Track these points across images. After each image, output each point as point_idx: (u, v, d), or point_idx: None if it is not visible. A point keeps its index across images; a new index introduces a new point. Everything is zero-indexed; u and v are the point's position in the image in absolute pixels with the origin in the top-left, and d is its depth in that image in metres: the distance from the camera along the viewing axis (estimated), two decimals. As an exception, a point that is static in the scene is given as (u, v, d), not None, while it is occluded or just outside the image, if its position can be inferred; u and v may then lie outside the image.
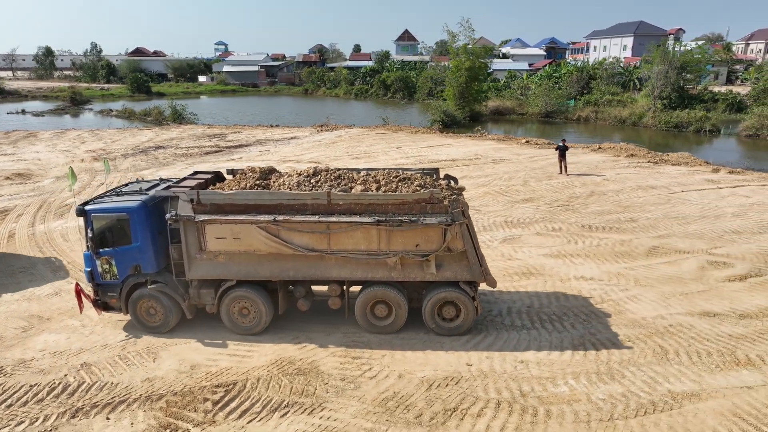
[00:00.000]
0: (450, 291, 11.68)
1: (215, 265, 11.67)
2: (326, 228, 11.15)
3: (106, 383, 10.42)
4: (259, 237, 11.26)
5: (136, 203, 11.79)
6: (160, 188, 12.41)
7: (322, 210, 11.17)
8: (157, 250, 11.96)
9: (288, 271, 11.64)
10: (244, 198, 11.22)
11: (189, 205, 11.23)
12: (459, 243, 11.22)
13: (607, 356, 11.09)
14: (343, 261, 11.48)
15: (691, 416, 9.21)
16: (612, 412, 9.36)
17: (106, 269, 11.98)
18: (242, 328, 12.09)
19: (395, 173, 12.28)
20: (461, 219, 11.03)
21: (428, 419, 9.30)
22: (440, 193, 11.16)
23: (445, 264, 11.48)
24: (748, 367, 10.57)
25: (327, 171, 12.27)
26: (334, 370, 10.81)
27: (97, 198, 12.42)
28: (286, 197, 11.18)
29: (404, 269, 11.49)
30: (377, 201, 11.09)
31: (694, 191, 23.83)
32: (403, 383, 10.33)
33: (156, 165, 31.45)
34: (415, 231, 11.12)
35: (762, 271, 15.09)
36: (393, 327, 12.02)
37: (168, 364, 11.11)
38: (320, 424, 9.26)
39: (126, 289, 12.09)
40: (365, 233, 11.19)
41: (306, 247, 11.33)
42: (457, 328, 11.92)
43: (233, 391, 10.15)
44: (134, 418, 9.42)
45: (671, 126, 48.35)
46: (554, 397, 9.84)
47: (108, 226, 11.86)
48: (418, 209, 11.07)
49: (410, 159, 32.09)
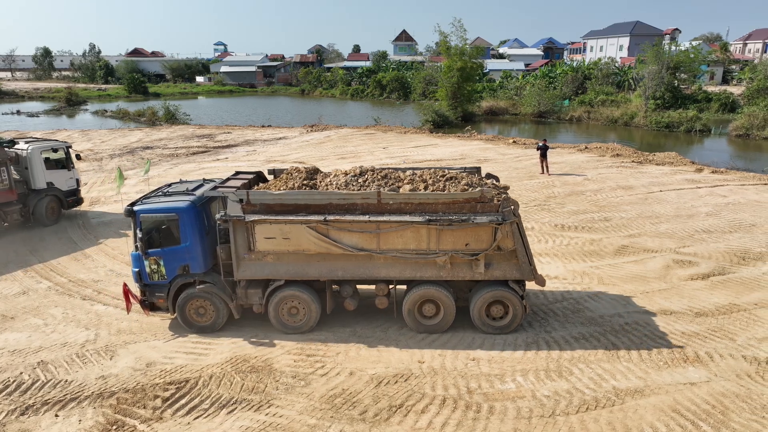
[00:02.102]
0: (499, 290, 11.63)
1: (264, 265, 11.72)
2: (376, 227, 11.18)
3: (60, 381, 10.56)
4: (309, 237, 11.29)
5: (186, 203, 11.85)
6: (206, 188, 12.54)
7: (372, 209, 11.18)
8: (205, 250, 12.03)
9: (336, 271, 11.67)
10: (294, 198, 11.24)
11: (238, 205, 11.26)
12: (509, 242, 11.20)
13: (558, 354, 11.20)
14: (392, 260, 11.50)
15: (631, 412, 9.32)
16: (554, 409, 9.48)
17: (154, 269, 12.05)
18: (291, 327, 12.13)
19: (441, 172, 12.31)
20: (512, 218, 11.03)
21: (372, 415, 9.42)
22: (490, 192, 11.19)
23: (495, 263, 11.47)
24: (696, 364, 10.67)
25: (373, 170, 12.30)
26: (287, 367, 10.93)
27: (143, 198, 12.45)
28: (336, 197, 11.21)
29: (453, 268, 11.47)
30: (427, 200, 11.10)
31: (672, 191, 23.90)
32: (353, 380, 10.45)
33: (141, 165, 31.59)
34: (466, 230, 11.11)
35: (725, 269, 15.18)
36: (441, 326, 11.99)
37: (124, 361, 11.24)
38: (265, 420, 9.38)
39: (174, 289, 12.15)
40: (415, 232, 11.21)
41: (355, 247, 11.37)
42: (505, 327, 11.86)
43: (184, 389, 10.28)
44: (83, 416, 9.55)
45: (662, 126, 48.35)
46: (500, 393, 9.95)
47: (156, 226, 11.91)
48: (469, 208, 11.07)
49: (396, 159, 32.21)
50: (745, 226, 18.88)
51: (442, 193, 11.23)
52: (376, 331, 12.23)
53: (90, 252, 17.59)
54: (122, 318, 13.13)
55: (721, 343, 11.40)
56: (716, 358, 10.83)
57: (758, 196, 22.73)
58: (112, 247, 17.97)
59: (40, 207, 19.81)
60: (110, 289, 14.74)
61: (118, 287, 14.78)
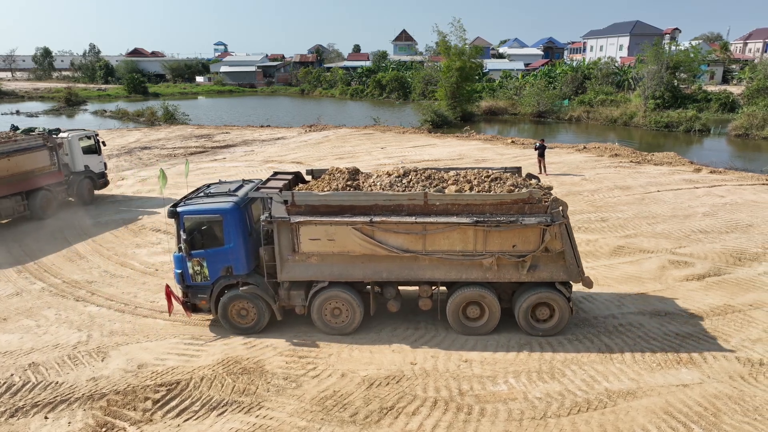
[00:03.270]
0: (546, 292, 11.49)
1: (307, 266, 11.64)
2: (422, 229, 11.08)
3: (51, 383, 10.53)
4: (354, 238, 11.22)
5: (230, 204, 11.77)
6: (247, 189, 12.51)
7: (418, 211, 11.09)
8: (249, 251, 11.95)
9: (381, 272, 11.58)
10: (340, 199, 11.16)
11: (283, 206, 11.19)
12: (558, 243, 11.08)
13: (551, 355, 11.15)
14: (438, 262, 11.39)
15: (623, 414, 9.27)
16: (546, 411, 9.43)
17: (197, 271, 11.98)
18: (334, 328, 12.07)
19: (486, 173, 12.23)
20: (561, 219, 10.93)
21: (363, 418, 9.39)
22: (538, 193, 11.09)
23: (541, 264, 11.32)
24: (689, 365, 10.62)
25: (416, 171, 12.23)
26: (278, 369, 10.90)
27: (186, 200, 12.34)
28: (382, 198, 11.12)
29: (499, 270, 11.36)
30: (474, 201, 11.00)
31: (669, 191, 23.84)
32: (344, 382, 10.41)
33: (139, 165, 31.61)
34: (513, 231, 11.00)
35: (721, 270, 15.13)
36: (486, 328, 11.89)
37: (116, 363, 11.21)
38: (255, 422, 9.35)
39: (216, 291, 12.08)
40: (462, 234, 11.11)
41: (401, 248, 11.28)
42: (551, 329, 11.73)
43: (175, 390, 10.25)
44: (72, 418, 9.52)
45: (662, 126, 48.27)
46: (491, 395, 9.91)
47: (200, 227, 11.81)
48: (516, 209, 10.95)
49: (393, 159, 32.15)
50: (741, 226, 18.83)
51: (490, 194, 11.12)
52: (369, 333, 12.20)
53: (84, 252, 17.56)
54: (115, 319, 13.10)
55: (715, 345, 11.35)
56: (710, 360, 10.78)
57: (756, 197, 22.67)
58: (107, 248, 17.94)
59: (81, 187, 23.06)
60: (104, 290, 14.71)
61: (112, 288, 14.83)
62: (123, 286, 14.97)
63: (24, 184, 20.32)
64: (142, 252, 17.58)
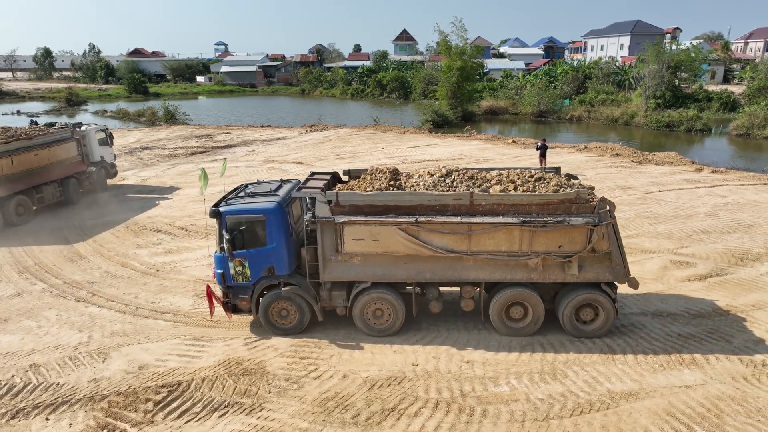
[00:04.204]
0: (591, 292, 11.36)
1: (350, 266, 11.57)
2: (468, 229, 10.99)
3: (52, 384, 10.52)
4: (399, 238, 11.14)
5: (273, 204, 11.69)
6: (287, 188, 12.46)
7: (464, 211, 11.02)
8: (291, 251, 11.89)
9: (424, 273, 11.51)
10: (384, 199, 11.10)
11: (327, 206, 11.13)
12: (605, 244, 10.96)
13: (553, 356, 11.13)
14: (482, 262, 11.30)
15: (626, 415, 9.24)
16: (548, 412, 9.41)
17: (239, 271, 11.89)
18: (376, 329, 12.00)
19: (529, 172, 12.16)
20: (608, 219, 10.83)
21: (364, 419, 9.36)
22: (586, 193, 11.03)
23: (587, 265, 11.22)
24: (691, 366, 10.60)
25: (458, 171, 12.19)
26: (280, 370, 10.88)
27: (227, 199, 12.21)
28: (428, 198, 11.07)
29: (545, 270, 11.26)
30: (521, 201, 10.92)
31: (671, 191, 23.80)
32: (346, 383, 10.39)
33: (139, 166, 31.59)
34: (559, 232, 10.90)
35: (723, 270, 15.10)
36: (530, 329, 11.79)
37: (117, 364, 11.19)
38: (257, 424, 9.33)
39: (258, 291, 12.02)
40: (507, 234, 11.01)
41: (445, 249, 11.18)
42: (596, 330, 11.62)
43: (176, 392, 10.23)
44: (74, 419, 9.51)
45: (662, 125, 48.19)
46: (493, 396, 9.88)
47: (242, 227, 11.67)
48: (563, 209, 10.88)
49: (394, 159, 32.13)
50: (743, 226, 18.79)
51: (536, 193, 11.05)
52: (370, 334, 12.15)
53: (85, 253, 17.54)
54: (116, 320, 13.08)
55: (717, 345, 11.32)
56: (712, 361, 10.76)
57: (757, 196, 22.63)
58: (107, 248, 17.92)
59: (99, 176, 25.27)
60: (105, 291, 14.69)
61: (112, 288, 14.81)
62: (124, 287, 14.95)
63: (59, 172, 22.55)
64: (143, 252, 17.57)
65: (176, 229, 19.75)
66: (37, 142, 21.31)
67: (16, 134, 21.73)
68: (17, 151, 20.30)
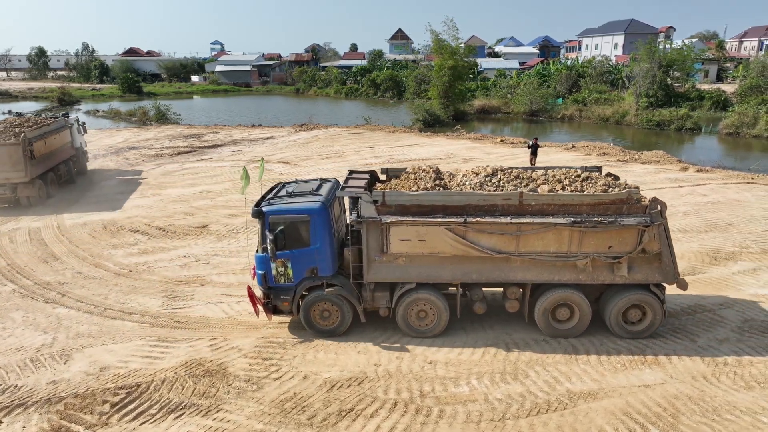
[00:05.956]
0: (640, 293, 11.18)
1: (395, 267, 11.41)
2: (517, 229, 10.83)
3: (10, 386, 10.45)
4: (446, 239, 10.97)
5: (318, 204, 11.50)
6: (327, 187, 12.30)
7: (513, 211, 10.86)
8: (334, 252, 11.73)
9: (471, 274, 11.35)
10: (432, 199, 10.95)
11: (372, 206, 10.98)
12: (655, 245, 10.80)
13: (516, 356, 11.09)
14: (530, 263, 11.13)
15: (582, 415, 9.21)
16: (505, 412, 9.37)
17: (281, 272, 11.72)
18: (419, 331, 11.83)
19: (576, 172, 12.00)
20: (659, 219, 10.69)
21: (320, 420, 9.32)
22: (637, 193, 10.90)
23: (636, 266, 11.04)
24: (653, 366, 10.56)
25: (503, 170, 12.06)
26: (241, 371, 10.82)
27: (269, 199, 12.03)
28: (476, 198, 10.93)
29: (593, 271, 11.07)
30: (572, 201, 10.77)
31: (652, 190, 23.67)
32: (305, 384, 10.34)
33: (125, 166, 31.48)
34: (609, 232, 10.72)
35: (696, 269, 15.08)
36: (576, 330, 11.61)
37: (78, 366, 11.13)
38: (212, 425, 9.27)
39: (300, 292, 11.84)
40: (557, 234, 10.83)
41: (493, 249, 11.01)
42: (643, 331, 11.43)
43: (135, 393, 10.17)
44: (28, 422, 9.44)
45: (653, 124, 48.21)
46: (452, 397, 9.84)
47: (284, 227, 11.48)
48: (614, 210, 10.70)
49: (380, 158, 32.06)
50: (721, 225, 18.76)
51: (586, 194, 10.90)
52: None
53: (60, 254, 17.46)
54: (83, 321, 13.02)
55: (681, 345, 11.29)
56: (674, 360, 10.73)
57: (738, 195, 22.60)
58: (82, 249, 17.84)
59: (81, 161, 28.85)
60: (75, 292, 14.61)
61: (83, 289, 14.74)
62: (95, 288, 14.87)
63: (64, 154, 26.29)
64: (118, 253, 17.49)
65: (154, 229, 19.68)
66: (53, 127, 25.23)
67: (37, 122, 26.11)
68: (45, 135, 24.05)
